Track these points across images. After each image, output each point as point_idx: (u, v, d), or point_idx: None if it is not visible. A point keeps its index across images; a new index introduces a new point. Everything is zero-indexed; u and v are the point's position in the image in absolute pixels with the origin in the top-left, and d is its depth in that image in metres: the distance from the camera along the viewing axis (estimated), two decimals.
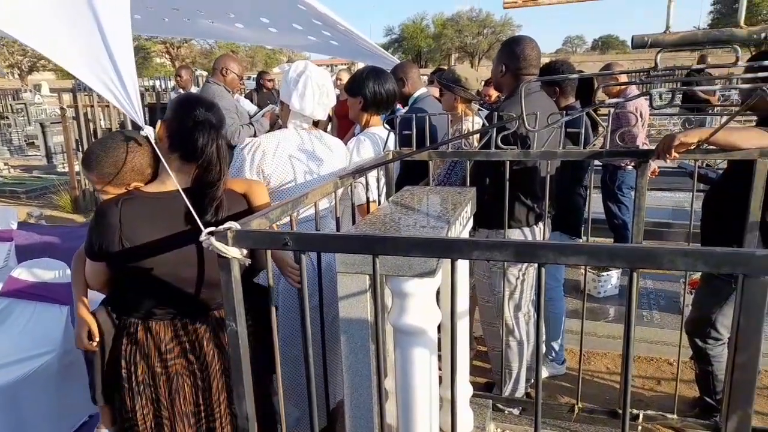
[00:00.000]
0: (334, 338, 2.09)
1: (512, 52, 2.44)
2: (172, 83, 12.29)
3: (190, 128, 1.52)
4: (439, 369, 1.69)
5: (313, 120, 2.33)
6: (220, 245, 1.07)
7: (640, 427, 2.36)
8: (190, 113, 1.54)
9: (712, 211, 2.43)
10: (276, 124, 4.08)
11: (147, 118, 1.65)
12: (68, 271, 2.59)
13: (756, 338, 0.82)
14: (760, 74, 1.39)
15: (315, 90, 2.22)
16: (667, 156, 1.95)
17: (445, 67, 4.52)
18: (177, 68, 7.30)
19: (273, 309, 1.28)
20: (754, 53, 2.26)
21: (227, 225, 1.11)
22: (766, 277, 0.80)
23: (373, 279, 1.04)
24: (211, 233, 1.08)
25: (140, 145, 1.62)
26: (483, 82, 3.84)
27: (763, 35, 1.17)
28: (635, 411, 2.29)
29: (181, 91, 6.50)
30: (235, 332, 1.16)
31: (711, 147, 1.96)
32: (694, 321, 2.51)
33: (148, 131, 1.45)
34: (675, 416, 2.29)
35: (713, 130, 1.83)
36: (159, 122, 1.59)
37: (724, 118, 1.71)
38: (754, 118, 2.35)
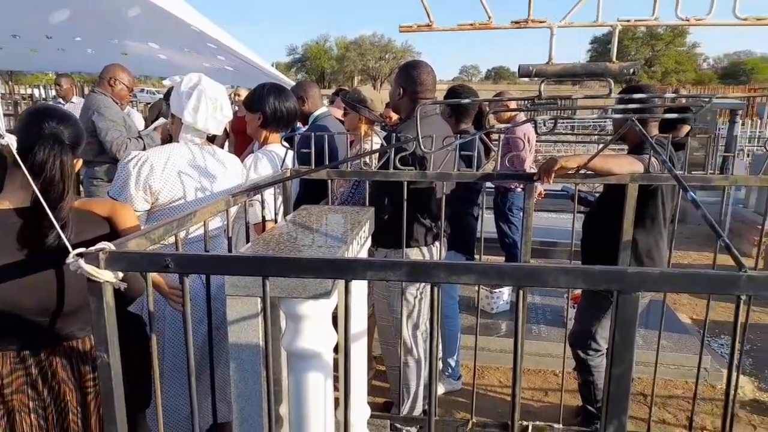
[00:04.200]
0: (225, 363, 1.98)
1: (409, 76, 2.51)
2: (54, 92, 11.30)
3: (33, 142, 1.36)
4: (337, 390, 1.65)
5: (207, 135, 2.23)
6: (90, 268, 0.97)
7: None
8: (38, 126, 1.39)
9: (591, 230, 2.63)
10: (167, 139, 3.87)
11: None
12: None
13: (629, 352, 0.87)
14: (630, 106, 1.52)
15: (209, 103, 2.12)
16: (547, 178, 2.08)
17: (347, 88, 4.56)
18: (56, 77, 6.62)
19: (153, 337, 1.17)
20: (624, 87, 2.50)
21: (100, 246, 1.01)
22: (638, 293, 0.85)
23: (264, 302, 0.98)
24: (80, 255, 0.97)
25: None
26: (385, 104, 3.91)
27: (632, 70, 1.29)
28: (524, 423, 2.38)
29: (61, 101, 5.98)
30: (107, 365, 1.05)
31: (589, 172, 2.12)
32: (576, 334, 2.67)
33: (10, 139, 1.29)
34: (560, 426, 2.41)
35: (590, 156, 1.98)
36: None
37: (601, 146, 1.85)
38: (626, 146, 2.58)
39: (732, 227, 6.44)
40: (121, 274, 1.03)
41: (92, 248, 1.00)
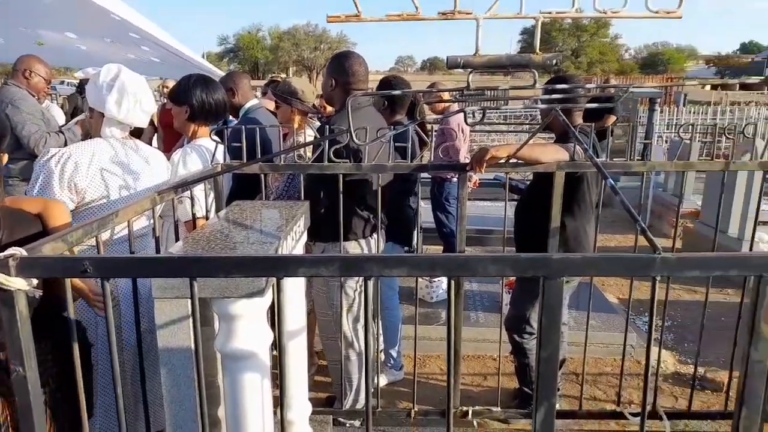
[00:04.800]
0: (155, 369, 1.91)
1: (341, 67, 2.48)
2: None
3: None
4: (276, 388, 1.62)
5: (131, 128, 2.13)
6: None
7: (474, 423, 2.52)
8: None
9: (522, 217, 2.71)
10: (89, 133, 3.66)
11: None
12: None
13: (556, 334, 0.90)
14: (554, 96, 1.57)
15: (131, 95, 2.02)
16: (479, 168, 2.12)
17: (279, 79, 4.46)
18: None
19: (75, 346, 1.11)
20: (550, 78, 2.58)
21: (9, 251, 0.94)
22: (562, 279, 0.88)
23: (192, 304, 0.95)
24: None
25: None
26: (317, 96, 3.86)
27: (554, 61, 1.32)
28: (464, 408, 2.44)
29: None
30: (22, 378, 0.98)
31: (519, 161, 2.18)
32: (512, 318, 2.76)
33: None
34: (499, 408, 2.49)
35: (519, 145, 2.03)
36: None
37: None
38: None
39: (653, 209, 6.84)
40: (35, 281, 0.96)
41: (1, 254, 0.92)
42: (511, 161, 2.17)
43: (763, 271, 0.85)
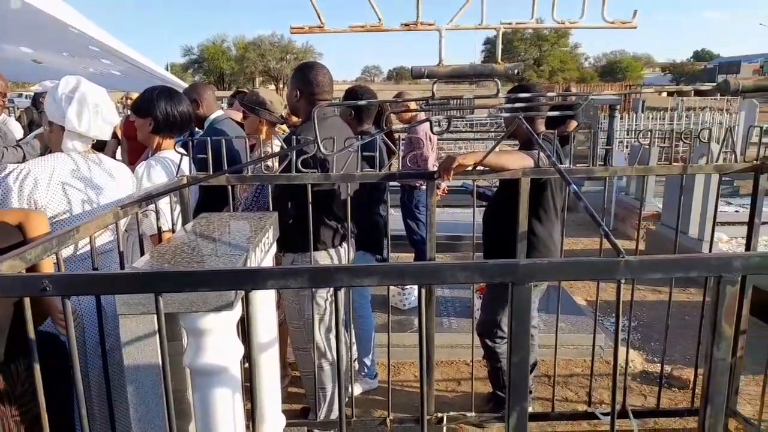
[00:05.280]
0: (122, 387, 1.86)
1: (305, 77, 2.48)
2: None
3: None
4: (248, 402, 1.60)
5: (92, 141, 2.08)
6: None
7: (445, 429, 2.52)
8: None
9: (490, 223, 2.75)
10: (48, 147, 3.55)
11: None
12: None
13: (526, 339, 0.91)
14: (518, 105, 1.61)
15: (91, 108, 1.98)
16: (447, 176, 2.15)
17: (246, 90, 4.43)
18: None
19: (37, 367, 1.07)
20: (512, 87, 2.63)
21: None
22: (530, 284, 0.90)
23: (158, 321, 0.93)
24: None
25: None
26: (284, 106, 3.84)
27: (516, 71, 1.35)
28: (439, 414, 2.45)
29: None
30: None
31: (485, 168, 2.21)
32: (483, 323, 2.78)
33: None
34: (473, 413, 2.50)
35: (486, 153, 2.06)
36: None
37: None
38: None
39: (617, 213, 7.02)
40: None
41: None
42: (477, 169, 2.20)
43: (723, 271, 0.88)
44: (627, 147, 12.38)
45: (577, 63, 60.34)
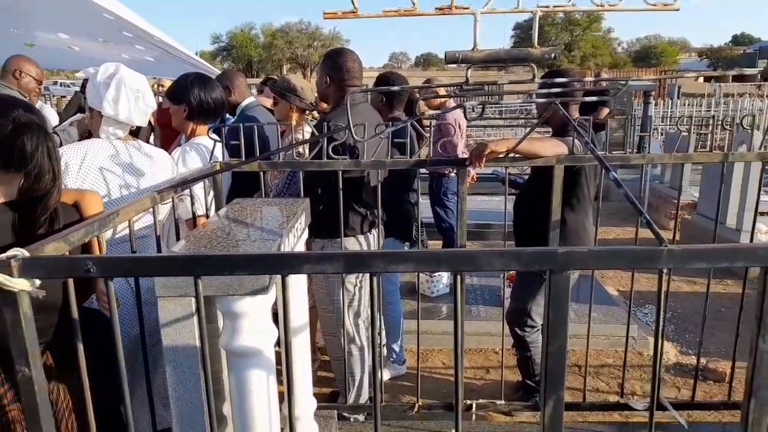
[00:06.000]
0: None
1: (335, 64, 2.48)
2: None
3: (11, 133, 1.32)
4: (281, 384, 1.63)
5: (131, 128, 2.12)
6: (2, 277, 0.89)
7: (474, 416, 2.53)
8: (7, 116, 1.33)
9: (521, 211, 2.71)
10: (86, 134, 3.64)
11: None
12: None
13: (563, 329, 0.90)
14: (553, 90, 1.57)
15: (130, 93, 2.01)
16: (479, 163, 2.12)
17: (275, 77, 4.45)
18: None
19: (80, 346, 1.10)
20: (546, 72, 2.58)
21: (11, 252, 0.93)
22: (569, 272, 0.88)
23: (197, 303, 0.95)
24: None
25: None
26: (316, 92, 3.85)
27: (553, 55, 1.32)
28: (468, 401, 2.45)
29: None
30: (28, 378, 0.98)
31: (517, 155, 2.18)
32: (513, 312, 2.76)
33: None
34: (503, 401, 2.50)
35: (518, 140, 2.03)
36: None
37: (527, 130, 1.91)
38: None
39: (650, 202, 6.85)
40: (38, 282, 0.96)
41: (3, 255, 0.92)
42: (510, 156, 2.17)
43: None
44: (662, 134, 12.05)
45: (610, 48, 58.76)
